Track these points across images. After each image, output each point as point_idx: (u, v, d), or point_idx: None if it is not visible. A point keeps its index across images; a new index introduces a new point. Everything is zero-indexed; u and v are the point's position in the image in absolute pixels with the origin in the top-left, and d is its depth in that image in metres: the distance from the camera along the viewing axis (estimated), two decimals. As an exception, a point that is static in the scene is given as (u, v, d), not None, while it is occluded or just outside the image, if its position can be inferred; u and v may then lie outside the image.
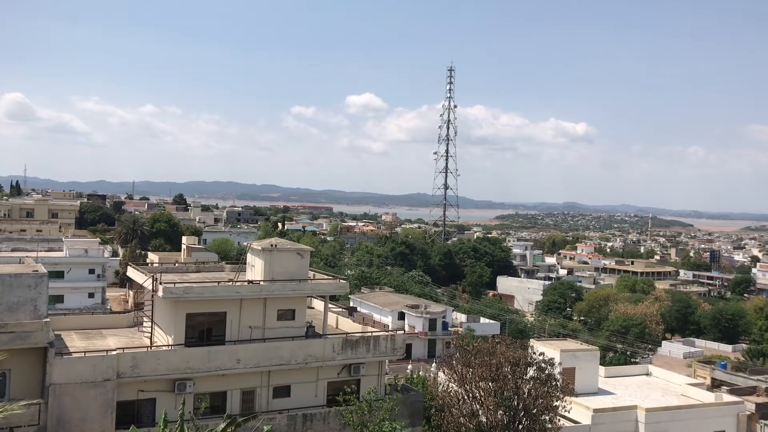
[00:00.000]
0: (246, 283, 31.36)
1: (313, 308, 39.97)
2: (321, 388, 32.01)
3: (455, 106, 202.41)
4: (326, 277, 36.16)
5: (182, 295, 29.01)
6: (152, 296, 30.84)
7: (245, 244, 40.65)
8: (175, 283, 29.59)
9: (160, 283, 29.16)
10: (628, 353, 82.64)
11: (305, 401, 31.50)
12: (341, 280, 35.01)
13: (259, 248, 32.13)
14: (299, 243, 50.82)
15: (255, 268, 32.55)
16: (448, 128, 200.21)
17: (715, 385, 63.60)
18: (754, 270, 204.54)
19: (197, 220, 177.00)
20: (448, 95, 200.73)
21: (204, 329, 30.31)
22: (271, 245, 32.19)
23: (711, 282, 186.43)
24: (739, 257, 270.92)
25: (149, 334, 31.84)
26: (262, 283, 31.17)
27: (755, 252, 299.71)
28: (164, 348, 29.46)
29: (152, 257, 72.35)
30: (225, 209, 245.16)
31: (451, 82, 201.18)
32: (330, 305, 36.25)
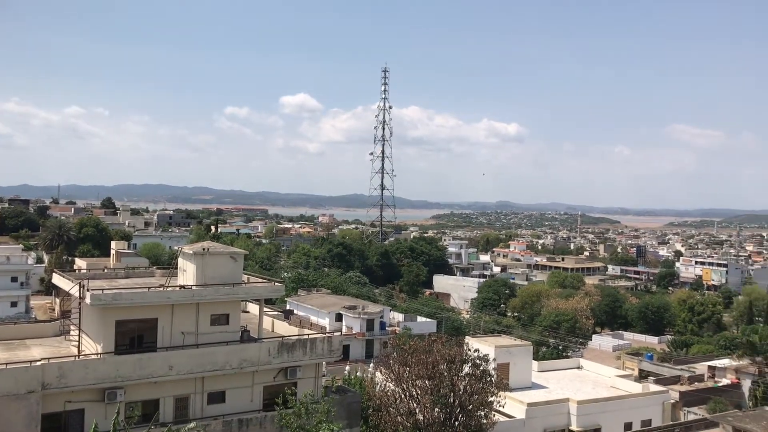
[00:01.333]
0: (178, 288, 30.74)
1: (248, 312, 39.51)
2: (257, 393, 31.65)
3: (390, 107, 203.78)
4: (261, 280, 35.81)
5: (111, 302, 28.21)
6: (79, 304, 29.87)
7: (177, 248, 39.83)
8: (103, 289, 28.73)
9: (88, 290, 28.29)
10: (560, 347, 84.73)
11: (241, 406, 31.10)
12: (276, 283, 34.74)
13: (191, 252, 31.54)
14: (233, 246, 50.13)
15: (187, 273, 31.94)
16: (383, 129, 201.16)
17: (643, 375, 65.99)
18: (677, 264, 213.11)
19: (127, 224, 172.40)
20: (383, 96, 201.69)
21: (135, 336, 29.56)
22: (204, 249, 31.65)
23: (637, 276, 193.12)
24: (663, 252, 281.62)
25: (77, 343, 30.82)
26: (194, 287, 30.61)
27: (678, 247, 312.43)
28: (93, 357, 28.57)
29: (80, 263, 69.96)
30: (156, 213, 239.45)
31: (385, 83, 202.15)
32: (266, 309, 35.91)
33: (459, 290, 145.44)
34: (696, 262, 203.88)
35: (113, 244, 78.56)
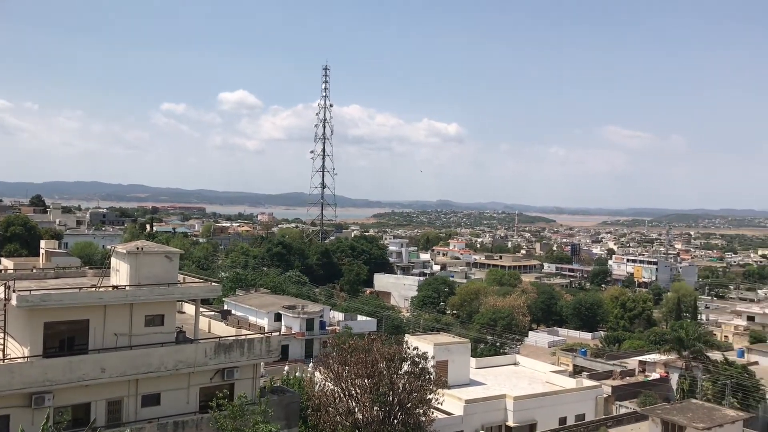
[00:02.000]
0: (110, 289, 29.91)
1: (184, 313, 38.74)
2: (193, 395, 31.08)
3: (331, 105, 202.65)
4: (197, 280, 35.17)
5: (39, 303, 27.21)
6: (5, 305, 28.72)
7: (110, 247, 38.75)
8: (30, 290, 27.71)
9: (14, 291, 27.21)
10: (497, 344, 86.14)
11: (176, 408, 30.47)
12: (213, 283, 34.17)
13: (125, 251, 30.74)
14: (168, 245, 49.09)
15: (120, 273, 31.12)
16: (324, 127, 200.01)
17: (577, 371, 67.67)
18: (610, 262, 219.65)
19: (57, 222, 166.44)
20: (324, 94, 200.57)
21: (65, 338, 28.62)
22: (138, 248, 30.88)
23: (572, 274, 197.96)
24: (596, 250, 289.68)
25: (1, 346, 29.65)
26: (127, 288, 29.84)
27: (611, 245, 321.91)
28: (19, 360, 27.51)
29: (6, 263, 66.94)
30: (88, 211, 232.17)
31: (326, 81, 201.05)
32: (202, 309, 35.29)
33: (399, 289, 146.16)
34: (628, 260, 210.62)
35: (42, 243, 75.60)
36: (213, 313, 55.20)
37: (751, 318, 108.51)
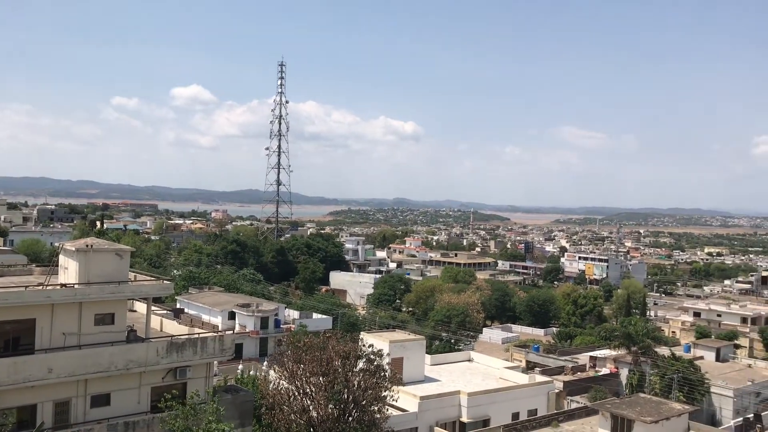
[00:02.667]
0: (58, 287, 29.18)
1: (135, 311, 38.01)
2: (144, 394, 30.54)
3: (287, 102, 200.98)
4: (149, 278, 34.55)
5: (-18, 303, 26.38)
6: (-54, 305, 27.75)
7: (58, 244, 37.76)
8: (-27, 289, 26.85)
9: (-44, 290, 26.35)
10: (452, 341, 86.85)
11: (127, 409, 29.90)
12: (165, 281, 33.63)
13: (73, 249, 30.01)
14: (119, 243, 48.13)
15: (69, 271, 30.36)
16: (279, 124, 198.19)
17: (530, 367, 68.72)
18: (562, 259, 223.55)
19: (3, 219, 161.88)
20: (280, 90, 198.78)
21: (9, 338, 27.81)
22: (87, 245, 30.18)
23: (525, 271, 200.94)
24: (549, 248, 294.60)
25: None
26: (76, 286, 29.15)
27: (563, 243, 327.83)
28: (-39, 361, 26.63)
29: (-52, 261, 65.05)
30: (36, 207, 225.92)
31: (282, 78, 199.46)
32: (154, 307, 34.68)
33: (355, 286, 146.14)
34: (579, 258, 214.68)
35: (-13, 240, 73.66)
36: (165, 311, 54.27)
37: (697, 314, 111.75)
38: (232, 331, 43.53)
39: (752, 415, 47.30)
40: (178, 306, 76.29)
